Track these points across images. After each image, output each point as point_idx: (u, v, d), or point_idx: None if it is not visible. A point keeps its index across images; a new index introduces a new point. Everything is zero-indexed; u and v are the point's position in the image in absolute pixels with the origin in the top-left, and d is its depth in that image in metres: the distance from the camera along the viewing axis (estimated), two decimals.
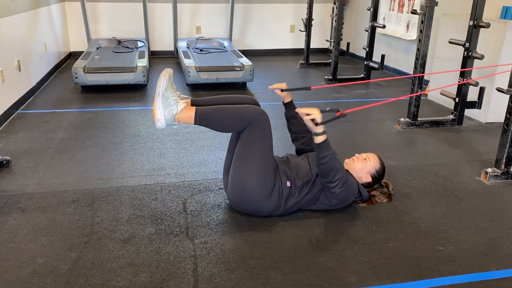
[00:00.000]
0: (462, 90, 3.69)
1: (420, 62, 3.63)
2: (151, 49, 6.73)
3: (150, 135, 3.45)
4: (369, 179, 2.44)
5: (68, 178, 2.70)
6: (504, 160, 2.77)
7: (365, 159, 2.45)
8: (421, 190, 2.65)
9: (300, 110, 2.15)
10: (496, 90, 2.83)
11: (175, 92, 2.19)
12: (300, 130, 2.56)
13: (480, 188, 2.70)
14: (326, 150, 2.15)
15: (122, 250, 2.01)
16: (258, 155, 2.18)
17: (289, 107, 2.53)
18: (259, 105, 2.32)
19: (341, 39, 5.33)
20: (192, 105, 2.21)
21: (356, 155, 2.51)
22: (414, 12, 3.68)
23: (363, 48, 5.41)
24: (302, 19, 6.29)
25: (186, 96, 2.25)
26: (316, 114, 2.10)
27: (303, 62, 6.29)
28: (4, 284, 1.77)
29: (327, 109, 2.15)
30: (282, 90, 2.44)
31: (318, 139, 2.14)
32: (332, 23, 7.05)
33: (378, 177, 2.46)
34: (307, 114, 2.11)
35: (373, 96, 4.79)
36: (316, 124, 2.12)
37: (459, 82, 3.66)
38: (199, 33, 6.90)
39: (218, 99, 2.30)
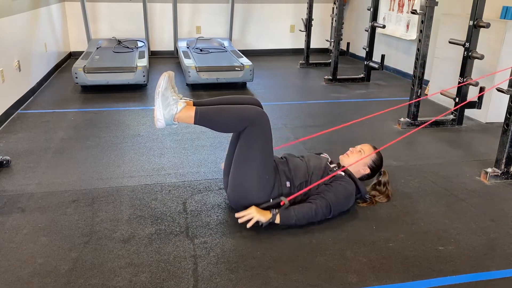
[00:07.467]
0: (462, 90, 3.69)
1: (420, 62, 3.63)
2: (151, 49, 6.74)
3: (150, 135, 3.45)
4: (367, 171, 2.43)
5: (68, 178, 2.70)
6: (504, 160, 2.76)
7: (359, 151, 2.44)
8: (421, 190, 2.65)
9: (240, 219, 2.10)
10: (496, 90, 2.83)
11: (177, 93, 2.19)
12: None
13: (480, 188, 2.70)
14: (290, 220, 2.14)
15: (122, 250, 2.00)
16: (258, 156, 2.17)
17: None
18: (261, 106, 2.32)
19: (341, 39, 5.33)
20: (194, 106, 2.21)
21: (350, 149, 2.49)
22: (414, 12, 3.68)
23: (363, 48, 5.41)
24: (302, 19, 6.29)
25: (188, 98, 2.25)
26: (255, 215, 2.08)
27: (303, 62, 6.29)
28: (4, 284, 1.77)
29: (270, 209, 2.12)
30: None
31: (277, 221, 2.12)
32: (332, 23, 7.05)
33: (376, 167, 2.45)
34: (248, 220, 2.08)
35: (373, 96, 4.79)
36: (261, 225, 2.11)
37: (459, 82, 3.65)
38: (199, 33, 6.90)
39: (220, 100, 2.29)
